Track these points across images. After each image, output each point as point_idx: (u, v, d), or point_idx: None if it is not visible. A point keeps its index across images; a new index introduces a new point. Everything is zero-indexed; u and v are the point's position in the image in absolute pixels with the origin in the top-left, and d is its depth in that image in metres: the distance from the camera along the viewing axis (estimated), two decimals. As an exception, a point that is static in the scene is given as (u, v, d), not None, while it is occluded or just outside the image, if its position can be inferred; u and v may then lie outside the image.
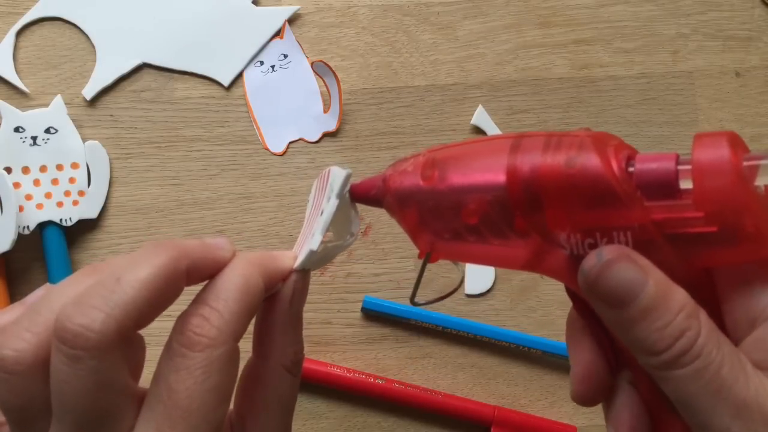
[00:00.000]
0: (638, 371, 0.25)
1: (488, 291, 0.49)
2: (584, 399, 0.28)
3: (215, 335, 0.24)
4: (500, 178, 0.23)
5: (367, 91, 0.51)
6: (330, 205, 0.27)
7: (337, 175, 0.27)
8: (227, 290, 0.25)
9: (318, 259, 0.28)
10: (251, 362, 0.29)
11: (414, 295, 0.29)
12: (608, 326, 0.23)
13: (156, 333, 0.49)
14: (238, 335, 0.25)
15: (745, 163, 0.21)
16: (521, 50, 0.51)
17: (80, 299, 0.23)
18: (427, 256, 0.26)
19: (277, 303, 0.28)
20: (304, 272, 0.29)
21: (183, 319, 0.25)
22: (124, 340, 0.23)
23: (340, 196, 0.27)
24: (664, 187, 0.22)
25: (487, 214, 0.24)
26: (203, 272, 0.26)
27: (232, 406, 0.29)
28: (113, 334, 0.23)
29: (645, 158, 0.22)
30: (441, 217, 0.25)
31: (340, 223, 0.29)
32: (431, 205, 0.25)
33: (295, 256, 0.28)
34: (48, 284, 0.29)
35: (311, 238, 0.27)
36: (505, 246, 0.24)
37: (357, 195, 0.28)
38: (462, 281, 0.29)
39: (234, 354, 0.25)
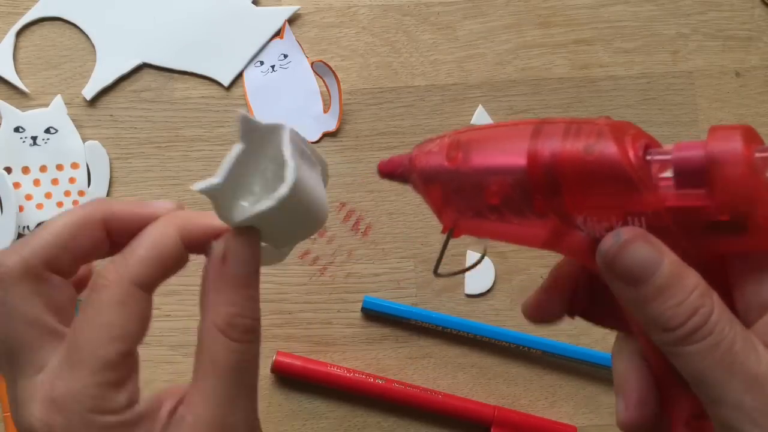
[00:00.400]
0: (649, 347, 0.25)
1: (488, 291, 0.49)
2: (637, 427, 0.27)
3: (113, 277, 0.26)
4: (521, 161, 0.24)
5: (367, 91, 0.51)
6: (233, 149, 0.27)
7: (241, 118, 0.27)
8: (138, 240, 0.27)
9: (268, 219, 0.27)
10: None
11: (437, 267, 0.29)
12: (624, 306, 0.24)
13: (157, 333, 0.49)
14: (140, 280, 0.27)
15: (758, 155, 0.22)
16: (521, 50, 0.51)
17: (11, 245, 0.28)
18: (451, 232, 0.28)
19: (209, 261, 0.28)
20: (243, 230, 0.28)
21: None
22: (33, 275, 0.26)
23: (243, 139, 0.27)
24: (695, 174, 0.22)
25: (508, 195, 0.25)
26: (128, 225, 0.28)
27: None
28: (19, 267, 0.26)
29: (680, 147, 0.23)
30: (464, 197, 0.26)
31: (271, 173, 0.28)
32: (455, 185, 0.27)
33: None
34: None
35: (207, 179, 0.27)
36: (525, 225, 0.25)
37: (384, 172, 0.29)
38: (484, 256, 0.29)
39: (131, 296, 0.26)
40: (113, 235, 0.29)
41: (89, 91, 0.50)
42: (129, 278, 0.26)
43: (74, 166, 0.49)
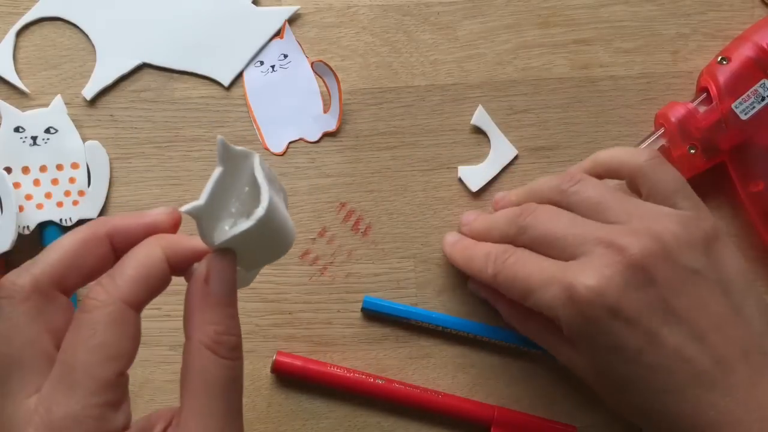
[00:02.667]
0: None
1: (488, 291, 0.49)
2: None
3: (104, 298, 0.27)
4: None
5: (367, 91, 0.51)
6: (214, 173, 0.28)
7: (219, 144, 0.28)
8: (125, 261, 0.28)
9: (245, 242, 0.28)
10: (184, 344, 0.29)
11: None
12: None
13: (155, 333, 0.49)
14: (130, 300, 0.27)
15: None
16: (521, 50, 0.51)
17: (22, 265, 0.28)
18: None
19: (192, 282, 0.29)
20: (222, 252, 0.29)
21: (88, 290, 0.28)
22: (41, 294, 0.27)
23: (220, 163, 0.28)
24: None
25: None
26: (131, 237, 0.29)
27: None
28: (28, 285, 0.27)
29: None
30: None
31: (254, 197, 0.29)
32: None
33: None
34: None
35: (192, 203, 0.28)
36: None
37: None
38: None
39: (123, 315, 0.27)
40: (118, 250, 0.29)
41: (89, 91, 0.50)
42: (120, 298, 0.27)
43: (74, 166, 0.49)
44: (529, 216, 0.42)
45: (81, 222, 0.48)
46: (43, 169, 0.48)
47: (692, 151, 0.48)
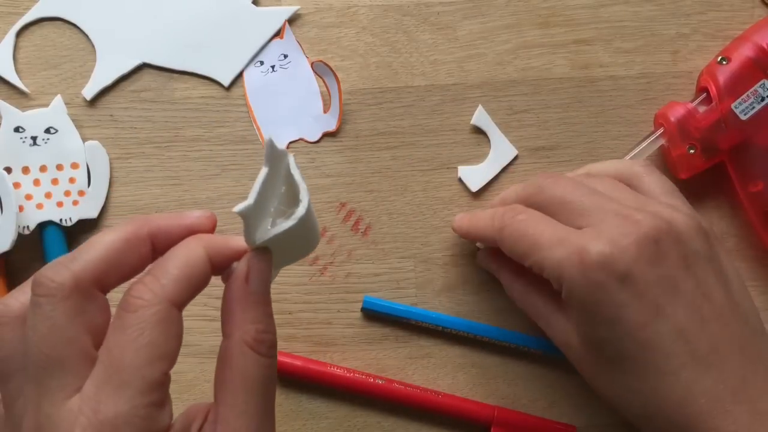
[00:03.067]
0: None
1: (487, 290, 0.49)
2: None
3: (149, 297, 0.26)
4: None
5: (367, 91, 0.51)
6: (261, 173, 0.28)
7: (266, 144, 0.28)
8: (168, 260, 0.28)
9: (281, 241, 0.28)
10: (221, 343, 0.29)
11: None
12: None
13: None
14: (175, 299, 0.27)
15: None
16: (521, 50, 0.51)
17: (55, 260, 0.27)
18: None
19: (233, 280, 0.29)
20: (261, 251, 0.29)
21: (128, 288, 0.27)
22: (82, 293, 0.26)
23: (267, 162, 0.28)
24: None
25: None
26: (171, 238, 0.29)
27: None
28: (69, 283, 0.26)
29: None
30: None
31: (287, 196, 0.29)
32: None
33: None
34: None
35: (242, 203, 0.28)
36: None
37: None
38: None
39: (169, 315, 0.26)
40: (157, 250, 0.29)
41: (89, 91, 0.50)
42: (166, 298, 0.27)
43: (74, 166, 0.49)
44: (548, 179, 0.43)
45: (81, 222, 0.48)
46: (43, 169, 0.48)
47: (691, 151, 0.48)
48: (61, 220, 0.48)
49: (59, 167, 0.49)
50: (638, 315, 0.37)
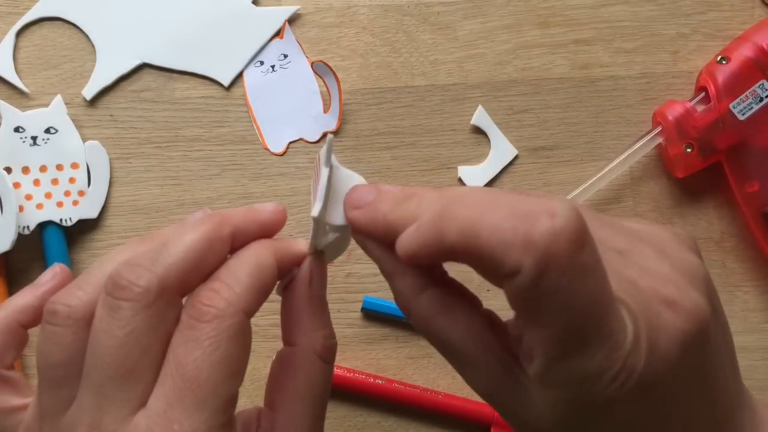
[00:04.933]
0: None
1: (487, 290, 0.49)
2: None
3: (224, 306, 0.24)
4: None
5: (367, 91, 0.51)
6: (323, 175, 0.27)
7: (325, 146, 0.27)
8: (238, 266, 0.26)
9: (334, 242, 0.28)
10: (282, 351, 0.28)
11: None
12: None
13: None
14: (248, 309, 0.25)
15: None
16: (521, 50, 0.51)
17: (131, 260, 0.25)
18: None
19: (296, 286, 0.28)
20: (318, 254, 0.29)
21: (195, 294, 0.25)
22: (166, 299, 0.24)
23: (329, 163, 0.27)
24: None
25: None
26: (249, 235, 0.27)
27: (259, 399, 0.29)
28: (156, 288, 0.24)
29: None
30: None
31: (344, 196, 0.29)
32: None
33: (308, 241, 0.29)
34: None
35: (312, 209, 0.27)
36: None
37: None
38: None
39: (244, 327, 0.25)
40: (233, 249, 0.27)
41: (89, 91, 0.50)
42: (243, 308, 0.25)
43: (74, 166, 0.49)
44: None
45: (81, 222, 0.48)
46: (43, 169, 0.48)
47: (689, 150, 0.48)
48: (61, 220, 0.48)
49: (59, 167, 0.48)
50: None
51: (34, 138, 0.48)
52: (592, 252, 0.22)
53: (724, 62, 0.48)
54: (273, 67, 0.51)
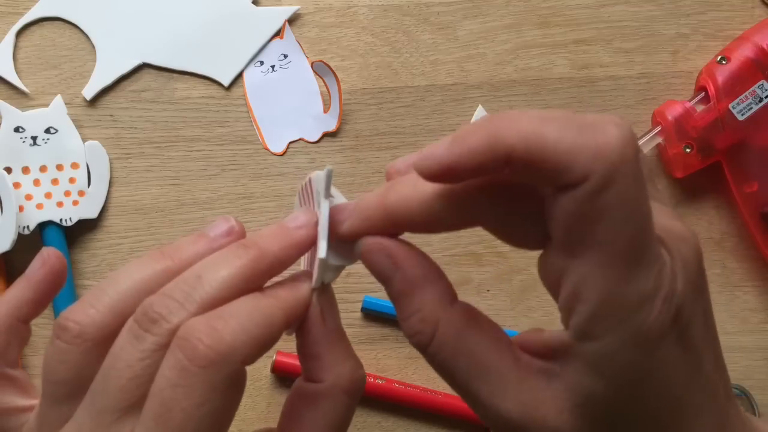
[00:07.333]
0: None
1: (487, 290, 0.49)
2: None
3: (225, 352, 0.22)
4: None
5: (367, 91, 0.51)
6: (323, 209, 0.26)
7: (319, 177, 0.27)
8: (248, 312, 0.24)
9: (333, 269, 0.28)
10: (303, 386, 0.27)
11: None
12: None
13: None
14: (247, 360, 0.23)
15: None
16: (521, 50, 0.51)
17: (164, 291, 0.24)
18: None
19: (310, 326, 0.27)
20: (323, 288, 0.28)
21: (190, 325, 0.23)
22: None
23: (327, 196, 0.27)
24: None
25: None
26: (285, 266, 0.26)
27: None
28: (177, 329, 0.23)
29: None
30: None
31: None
32: None
33: (309, 273, 0.27)
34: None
35: (317, 249, 0.26)
36: None
37: None
38: None
39: (241, 379, 0.23)
40: (269, 276, 0.26)
41: (89, 91, 0.50)
42: (242, 359, 0.23)
43: (74, 166, 0.49)
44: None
45: (81, 222, 0.48)
46: (43, 169, 0.48)
47: (688, 150, 0.48)
48: (61, 220, 0.48)
49: (59, 167, 0.49)
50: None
51: (34, 138, 0.48)
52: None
53: (723, 62, 0.48)
54: (273, 67, 0.51)
